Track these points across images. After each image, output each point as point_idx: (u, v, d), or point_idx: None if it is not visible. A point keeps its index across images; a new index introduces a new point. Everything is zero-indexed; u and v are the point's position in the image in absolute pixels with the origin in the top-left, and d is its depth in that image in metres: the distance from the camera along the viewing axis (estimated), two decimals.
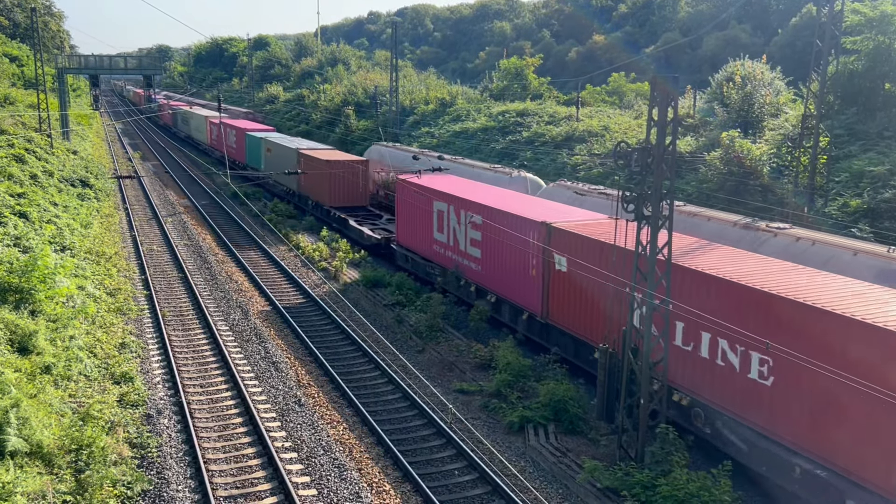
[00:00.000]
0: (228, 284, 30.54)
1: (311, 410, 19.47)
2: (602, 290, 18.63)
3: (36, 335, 19.38)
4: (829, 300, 13.79)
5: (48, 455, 14.99)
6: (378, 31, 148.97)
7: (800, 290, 14.46)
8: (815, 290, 14.40)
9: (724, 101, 38.99)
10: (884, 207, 24.08)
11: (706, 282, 15.92)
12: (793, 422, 14.07)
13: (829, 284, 14.91)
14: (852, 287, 14.71)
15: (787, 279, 15.24)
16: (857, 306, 13.40)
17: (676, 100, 15.46)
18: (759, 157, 29.67)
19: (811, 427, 13.75)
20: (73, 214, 35.50)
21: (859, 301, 13.75)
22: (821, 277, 15.49)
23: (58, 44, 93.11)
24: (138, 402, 19.29)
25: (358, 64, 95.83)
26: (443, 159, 37.16)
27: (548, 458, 17.16)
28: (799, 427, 13.96)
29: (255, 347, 23.86)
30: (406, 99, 66.41)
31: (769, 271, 15.95)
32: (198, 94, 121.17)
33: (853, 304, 13.51)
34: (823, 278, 15.45)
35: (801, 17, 57.28)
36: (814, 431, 13.70)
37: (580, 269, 19.28)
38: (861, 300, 13.80)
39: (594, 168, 38.30)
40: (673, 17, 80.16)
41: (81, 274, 27.17)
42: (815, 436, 13.69)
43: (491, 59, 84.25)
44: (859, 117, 30.44)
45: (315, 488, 15.83)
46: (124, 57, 79.34)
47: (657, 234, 15.70)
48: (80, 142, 59.63)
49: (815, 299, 13.83)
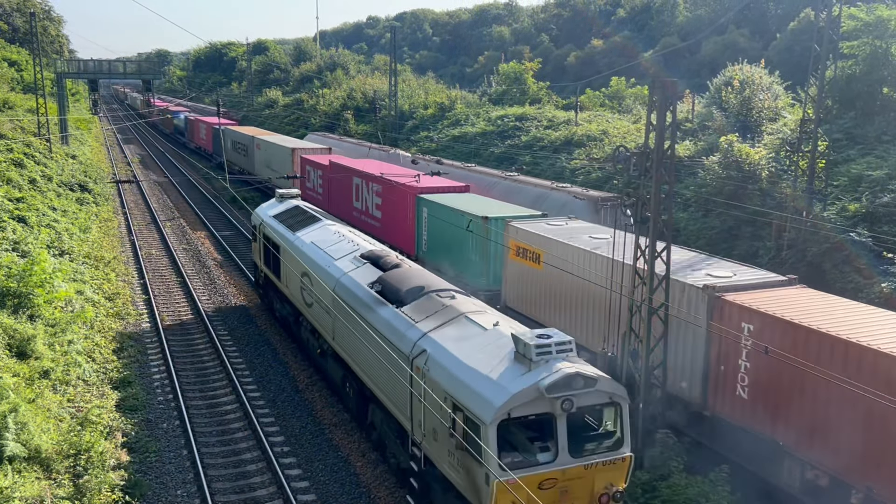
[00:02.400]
0: (227, 289, 30.51)
1: (310, 414, 19.45)
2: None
3: (34, 340, 19.37)
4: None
5: (46, 460, 14.97)
6: (377, 35, 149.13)
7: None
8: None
9: (723, 105, 39.04)
10: (882, 211, 24.09)
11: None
12: None
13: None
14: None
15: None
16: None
17: (675, 104, 15.50)
18: (757, 161, 29.69)
19: None
20: (72, 219, 35.49)
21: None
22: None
23: (57, 48, 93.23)
24: (137, 406, 19.28)
25: (357, 68, 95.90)
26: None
27: None
28: None
29: (255, 352, 23.83)
30: (405, 103, 66.47)
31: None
32: (197, 99, 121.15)
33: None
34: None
35: (800, 21, 57.37)
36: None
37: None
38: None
39: (593, 172, 38.33)
40: (671, 21, 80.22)
41: (80, 278, 27.16)
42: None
43: (490, 64, 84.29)
44: (857, 121, 30.48)
45: (314, 493, 15.81)
46: (123, 61, 79.32)
47: (656, 238, 15.72)
48: (78, 146, 59.64)
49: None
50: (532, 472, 11.60)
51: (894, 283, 21.15)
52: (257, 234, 27.11)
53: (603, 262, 18.07)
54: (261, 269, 26.97)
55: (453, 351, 13.28)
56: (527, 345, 12.02)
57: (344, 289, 18.11)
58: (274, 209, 26.88)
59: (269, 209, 27.17)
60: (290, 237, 23.33)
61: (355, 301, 17.25)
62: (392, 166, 35.91)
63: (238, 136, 60.27)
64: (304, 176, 42.23)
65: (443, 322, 14.47)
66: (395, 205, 30.48)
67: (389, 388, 15.23)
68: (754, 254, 26.81)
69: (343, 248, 20.61)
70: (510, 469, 11.18)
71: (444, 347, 13.51)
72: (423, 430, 13.59)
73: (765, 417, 14.54)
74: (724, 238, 28.30)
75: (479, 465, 11.62)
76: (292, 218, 25.02)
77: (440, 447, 12.97)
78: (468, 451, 11.82)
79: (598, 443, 12.37)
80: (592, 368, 12.35)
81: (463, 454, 12.06)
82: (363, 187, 33.94)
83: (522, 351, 12.11)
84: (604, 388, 12.11)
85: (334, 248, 20.81)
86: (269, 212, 26.78)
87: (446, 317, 14.64)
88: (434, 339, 13.92)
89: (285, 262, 22.99)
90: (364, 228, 30.46)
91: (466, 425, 11.92)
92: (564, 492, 11.89)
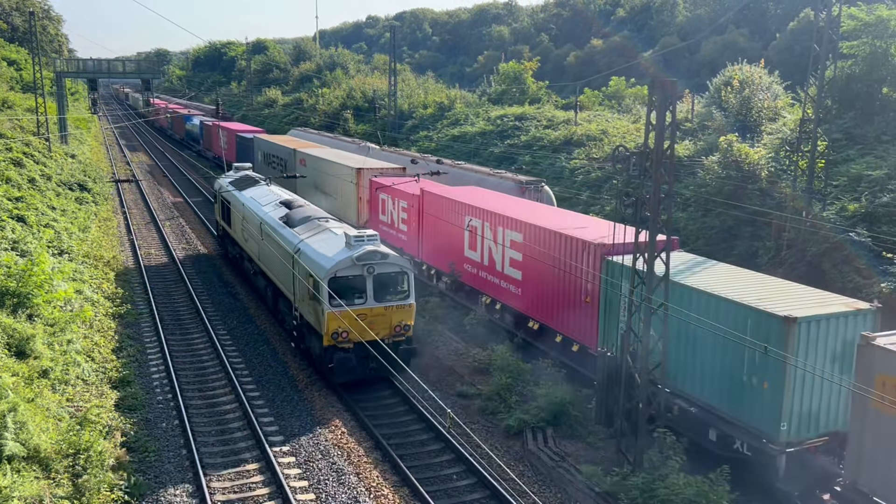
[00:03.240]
0: (227, 288, 30.49)
1: (309, 414, 19.45)
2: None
3: (33, 339, 19.34)
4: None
5: (45, 459, 14.94)
6: (376, 35, 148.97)
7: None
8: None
9: (723, 105, 39.04)
10: (881, 211, 24.10)
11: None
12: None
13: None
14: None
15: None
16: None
17: (675, 104, 15.48)
18: (757, 161, 29.69)
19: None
20: (71, 218, 35.47)
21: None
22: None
23: (56, 47, 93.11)
24: (136, 406, 19.26)
25: (356, 68, 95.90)
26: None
27: (546, 463, 17.13)
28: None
29: (254, 352, 23.82)
30: (405, 103, 66.45)
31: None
32: (196, 98, 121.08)
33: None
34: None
35: (799, 21, 57.36)
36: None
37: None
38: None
39: (593, 172, 38.33)
40: (671, 21, 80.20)
41: (79, 278, 27.14)
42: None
43: (489, 63, 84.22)
44: (857, 121, 30.48)
45: (313, 492, 15.81)
46: (122, 61, 79.32)
47: (655, 237, 15.70)
48: (78, 146, 59.59)
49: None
50: (351, 308, 19.55)
51: (893, 283, 21.15)
52: (217, 196, 35.27)
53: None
54: (219, 222, 35.30)
55: (314, 246, 21.62)
56: (349, 236, 20.67)
57: (266, 223, 25.96)
58: (229, 178, 34.88)
59: (226, 178, 35.10)
60: (238, 195, 31.16)
61: (271, 229, 25.15)
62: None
63: (273, 148, 46.93)
64: (371, 203, 33.33)
65: (314, 233, 22.81)
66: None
67: (284, 277, 23.55)
68: (754, 253, 26.82)
69: (270, 199, 28.51)
70: (334, 306, 19.39)
71: (310, 245, 21.78)
72: (297, 297, 22.00)
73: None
74: (724, 238, 28.30)
75: (319, 304, 19.84)
76: (241, 182, 32.96)
77: (304, 303, 21.26)
78: (316, 298, 19.92)
79: (394, 295, 20.45)
80: (388, 249, 20.59)
81: (313, 301, 20.28)
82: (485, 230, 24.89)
83: (347, 240, 20.66)
84: (394, 262, 20.44)
85: (264, 199, 28.75)
86: (226, 179, 34.72)
87: (317, 230, 22.98)
88: (307, 241, 22.20)
89: (234, 213, 31.22)
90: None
91: (315, 284, 20.03)
92: (372, 322, 19.83)
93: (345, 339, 19.77)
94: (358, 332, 18.94)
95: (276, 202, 27.57)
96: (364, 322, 19.06)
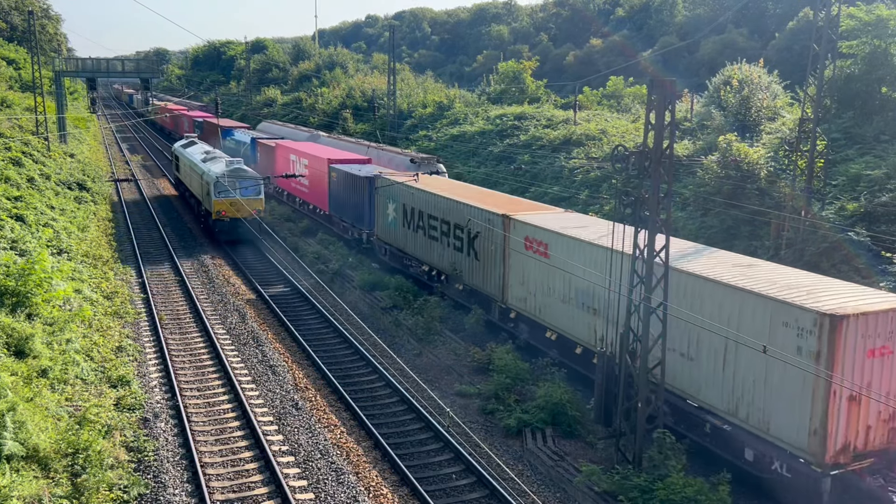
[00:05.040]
0: (225, 287, 30.50)
1: (309, 414, 19.45)
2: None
3: (32, 339, 19.33)
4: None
5: (44, 459, 14.94)
6: (376, 34, 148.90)
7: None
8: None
9: (722, 104, 39.04)
10: (880, 211, 24.11)
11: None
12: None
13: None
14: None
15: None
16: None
17: (674, 103, 15.48)
18: (756, 160, 29.70)
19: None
20: (70, 218, 35.45)
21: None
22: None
23: (55, 47, 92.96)
24: (135, 405, 19.25)
25: (356, 67, 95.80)
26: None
27: (545, 462, 17.14)
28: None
29: (253, 351, 23.83)
30: (404, 102, 66.42)
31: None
32: (195, 98, 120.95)
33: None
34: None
35: (798, 21, 57.38)
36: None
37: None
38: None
39: (592, 171, 38.32)
40: (670, 20, 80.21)
41: (78, 277, 27.12)
42: None
43: (489, 63, 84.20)
44: (856, 121, 30.49)
45: (312, 492, 15.80)
46: (121, 60, 79.25)
47: (654, 236, 15.70)
48: (77, 145, 59.56)
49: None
50: (226, 198, 36.16)
51: (892, 282, 21.17)
52: (173, 155, 53.68)
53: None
54: (175, 174, 52.79)
55: (213, 169, 37.98)
56: (228, 162, 39.11)
57: (196, 165, 41.65)
58: (181, 142, 53.16)
59: (179, 143, 53.35)
60: (184, 151, 48.11)
61: (195, 165, 41.67)
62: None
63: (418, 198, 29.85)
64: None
65: (213, 164, 39.57)
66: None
67: (199, 188, 40.32)
68: (753, 253, 26.80)
69: (201, 151, 45.08)
70: (218, 196, 36.24)
71: (210, 167, 38.48)
72: (202, 196, 39.07)
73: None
74: (723, 237, 28.28)
75: (209, 197, 36.92)
76: (187, 144, 50.73)
77: (205, 198, 38.21)
78: (210, 193, 36.76)
79: (251, 193, 36.64)
80: (248, 168, 39.51)
81: (208, 196, 37.15)
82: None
83: (227, 164, 38.58)
84: (251, 175, 37.78)
85: (198, 152, 44.76)
86: (180, 143, 53.07)
87: (215, 162, 39.94)
88: (208, 166, 38.97)
89: (182, 164, 48.09)
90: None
91: (210, 186, 36.75)
92: (238, 207, 36.03)
93: (224, 216, 36.53)
94: (230, 212, 36.36)
95: (201, 151, 45.12)
96: (233, 207, 36.05)
